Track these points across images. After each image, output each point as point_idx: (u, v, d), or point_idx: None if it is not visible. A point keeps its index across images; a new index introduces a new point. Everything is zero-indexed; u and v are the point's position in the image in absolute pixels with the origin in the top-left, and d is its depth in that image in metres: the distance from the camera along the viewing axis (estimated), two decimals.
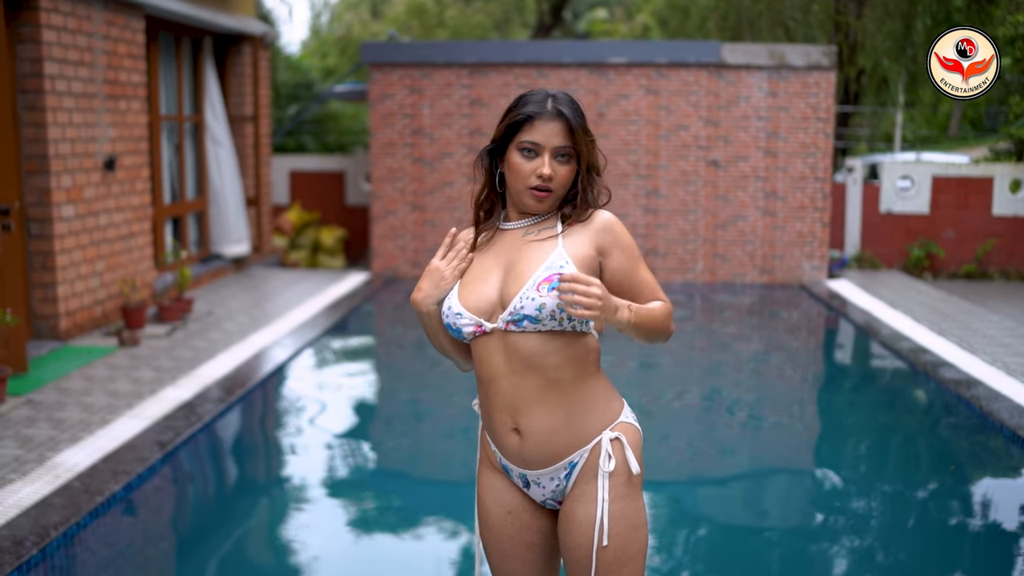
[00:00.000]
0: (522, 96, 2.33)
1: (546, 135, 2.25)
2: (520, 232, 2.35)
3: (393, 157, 11.23)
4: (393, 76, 11.14)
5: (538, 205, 2.30)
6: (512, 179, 2.28)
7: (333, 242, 12.07)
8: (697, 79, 11.01)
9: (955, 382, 6.46)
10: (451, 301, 2.30)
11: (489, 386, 2.29)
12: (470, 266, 2.35)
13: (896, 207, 11.84)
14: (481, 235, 2.40)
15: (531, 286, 2.22)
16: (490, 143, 2.35)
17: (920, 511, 4.87)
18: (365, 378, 7.55)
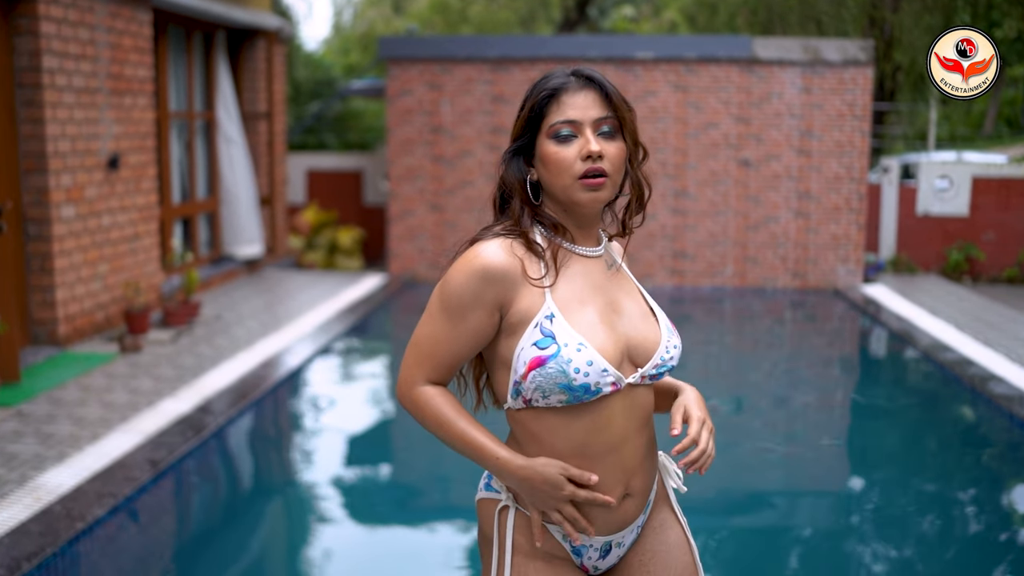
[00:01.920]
0: (536, 81, 1.90)
1: (581, 107, 1.83)
2: (600, 262, 1.94)
3: (411, 155, 10.87)
4: (412, 71, 10.78)
5: (595, 197, 1.83)
6: (553, 177, 1.83)
7: (351, 243, 11.73)
8: (728, 75, 10.57)
9: (1007, 398, 6.02)
10: (588, 353, 1.78)
11: (604, 458, 1.85)
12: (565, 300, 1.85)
13: (934, 208, 11.35)
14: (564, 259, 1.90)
15: (668, 328, 1.94)
16: (512, 143, 1.89)
17: (976, 552, 4.45)
18: (380, 389, 7.20)
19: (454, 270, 1.85)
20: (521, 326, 1.81)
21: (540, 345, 1.77)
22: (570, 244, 1.90)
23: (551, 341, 1.77)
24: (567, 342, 1.77)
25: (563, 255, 1.88)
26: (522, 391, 1.81)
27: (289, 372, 6.75)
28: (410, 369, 1.89)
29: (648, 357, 1.88)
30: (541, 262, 1.85)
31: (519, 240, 1.86)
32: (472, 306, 1.82)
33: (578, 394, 1.78)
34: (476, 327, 1.84)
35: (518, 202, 1.88)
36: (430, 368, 1.88)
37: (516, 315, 1.82)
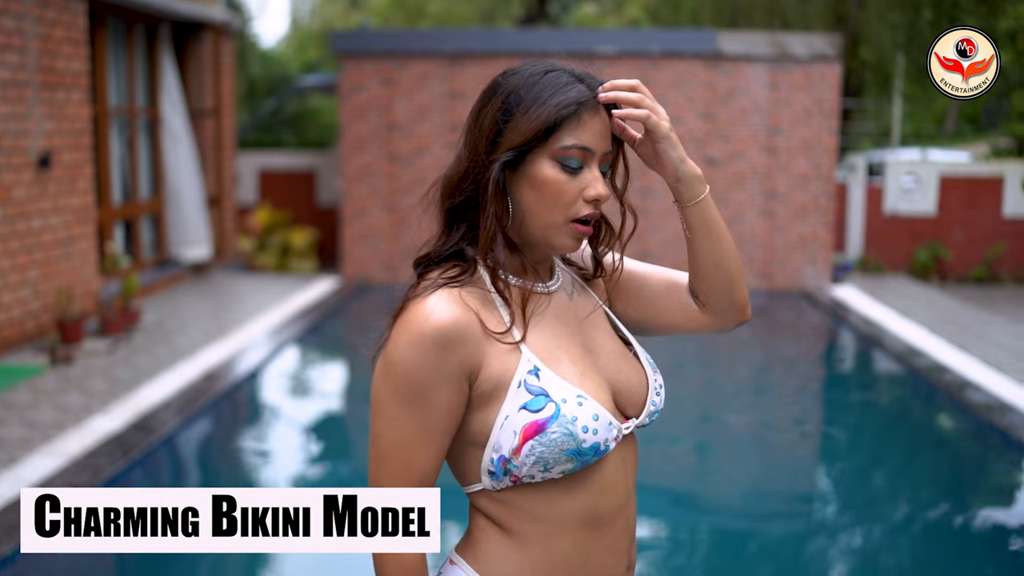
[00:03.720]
0: (527, 75, 1.47)
1: (597, 134, 1.45)
2: (560, 294, 1.56)
3: (365, 154, 10.48)
4: (366, 67, 10.38)
5: (577, 244, 1.48)
6: (541, 208, 1.45)
7: (304, 244, 11.31)
8: (692, 70, 10.28)
9: (985, 407, 5.76)
10: (592, 406, 1.43)
11: (614, 523, 1.51)
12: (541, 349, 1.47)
13: (901, 207, 11.15)
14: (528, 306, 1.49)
15: (651, 368, 1.60)
16: (507, 151, 1.44)
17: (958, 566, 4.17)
18: (334, 400, 6.82)
19: (398, 345, 1.41)
20: (496, 394, 1.43)
21: (532, 407, 1.40)
22: (532, 282, 1.52)
23: (546, 399, 1.40)
24: (565, 397, 1.41)
25: (531, 298, 1.49)
26: (513, 469, 1.41)
27: (234, 383, 6.36)
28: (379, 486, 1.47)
29: (635, 402, 1.54)
30: (503, 310, 1.46)
31: (468, 288, 1.46)
32: (436, 384, 1.40)
33: (587, 458, 1.43)
34: (448, 409, 1.41)
35: (496, 230, 1.46)
36: (414, 484, 1.43)
37: (488, 382, 1.43)
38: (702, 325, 1.63)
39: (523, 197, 1.46)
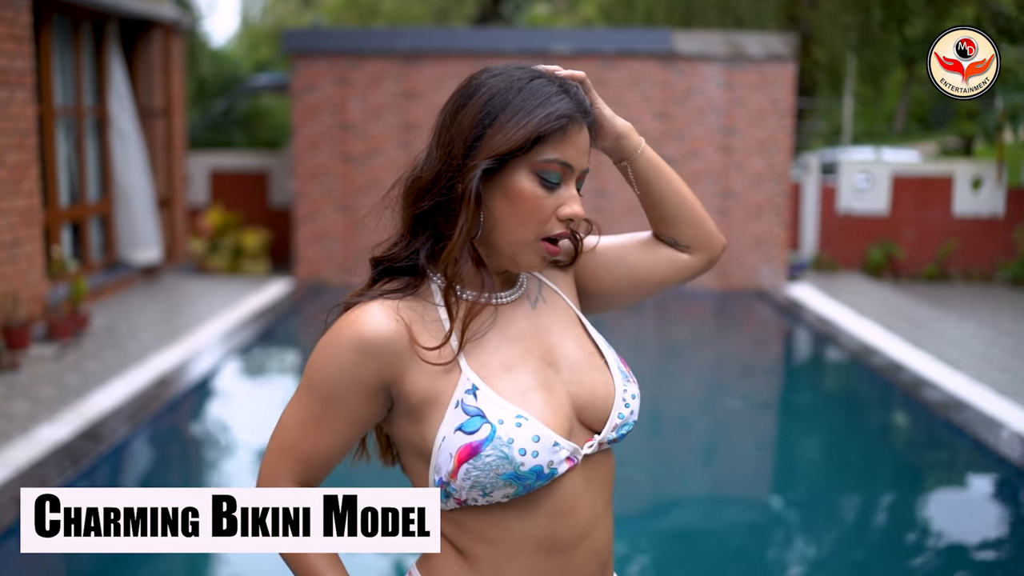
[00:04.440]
0: (501, 70, 1.41)
1: (579, 150, 1.40)
2: (520, 303, 1.49)
3: (319, 154, 10.35)
4: (319, 66, 10.25)
5: (543, 264, 1.43)
6: (514, 223, 1.38)
7: (256, 246, 11.15)
8: (648, 70, 10.28)
9: (942, 405, 5.79)
10: (532, 426, 1.34)
11: (576, 549, 1.43)
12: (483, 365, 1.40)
13: (854, 206, 11.25)
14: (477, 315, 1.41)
15: (622, 378, 1.49)
16: (487, 158, 1.36)
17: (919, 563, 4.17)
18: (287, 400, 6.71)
19: (322, 343, 1.39)
20: (429, 410, 1.37)
21: (467, 429, 1.33)
22: (488, 295, 1.43)
23: (481, 420, 1.33)
24: (502, 418, 1.34)
25: (479, 312, 1.41)
26: (453, 492, 1.36)
27: (187, 389, 6.23)
28: (271, 464, 1.42)
29: (602, 417, 1.44)
30: (447, 325, 1.39)
31: (409, 300, 1.40)
32: (346, 388, 1.37)
33: (529, 482, 1.35)
34: (353, 415, 1.39)
35: (465, 243, 1.39)
36: (295, 462, 1.41)
37: (415, 395, 1.38)
38: (692, 268, 1.61)
39: (495, 208, 1.38)
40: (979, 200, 11.12)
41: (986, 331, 7.91)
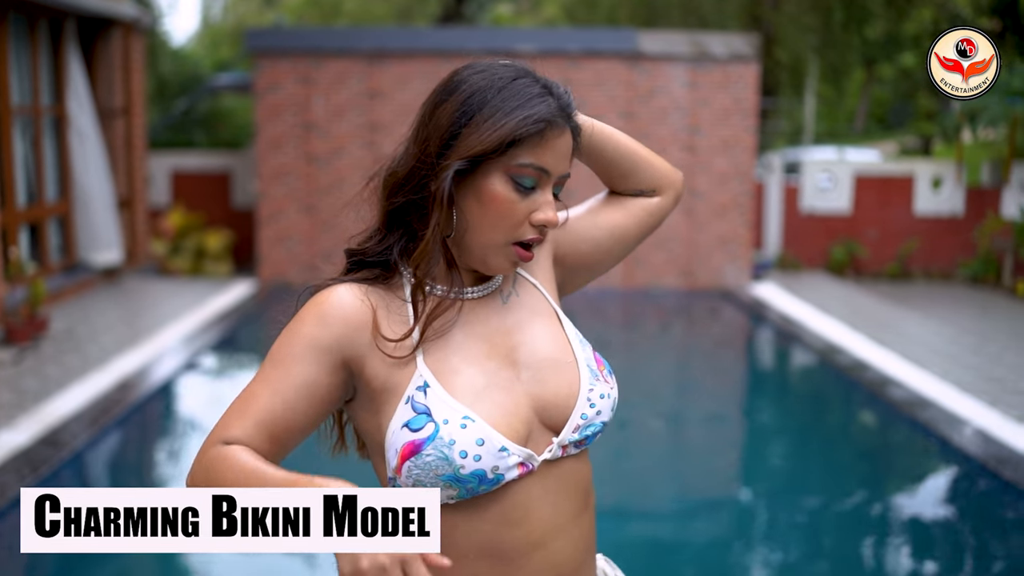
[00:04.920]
0: (485, 67, 1.37)
1: (558, 155, 1.36)
2: (490, 299, 1.45)
3: (282, 154, 10.25)
4: (282, 65, 10.15)
5: (513, 268, 1.41)
6: (485, 226, 1.35)
7: (219, 247, 11.02)
8: (613, 70, 10.29)
9: (908, 403, 5.83)
10: (477, 429, 1.31)
11: (527, 560, 1.38)
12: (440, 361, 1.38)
13: (817, 205, 11.33)
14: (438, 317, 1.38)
15: (591, 376, 1.43)
16: (455, 158, 1.33)
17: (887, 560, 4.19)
18: None
19: (289, 322, 1.40)
20: (385, 401, 1.36)
21: (413, 426, 1.31)
22: (460, 291, 1.41)
23: (426, 419, 1.31)
24: (447, 417, 1.31)
25: (446, 309, 1.38)
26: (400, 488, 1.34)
27: (150, 392, 6.13)
28: (225, 420, 1.37)
29: (564, 418, 1.39)
30: (409, 320, 1.37)
31: (379, 288, 1.40)
32: (301, 355, 1.34)
33: (471, 486, 1.32)
34: (309, 381, 1.34)
35: (437, 243, 1.36)
36: (251, 423, 1.35)
37: (375, 381, 1.36)
38: (664, 208, 1.63)
39: (467, 209, 1.36)
40: (939, 200, 11.24)
41: (948, 329, 7.99)
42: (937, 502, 4.99)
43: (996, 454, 4.88)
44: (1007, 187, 10.65)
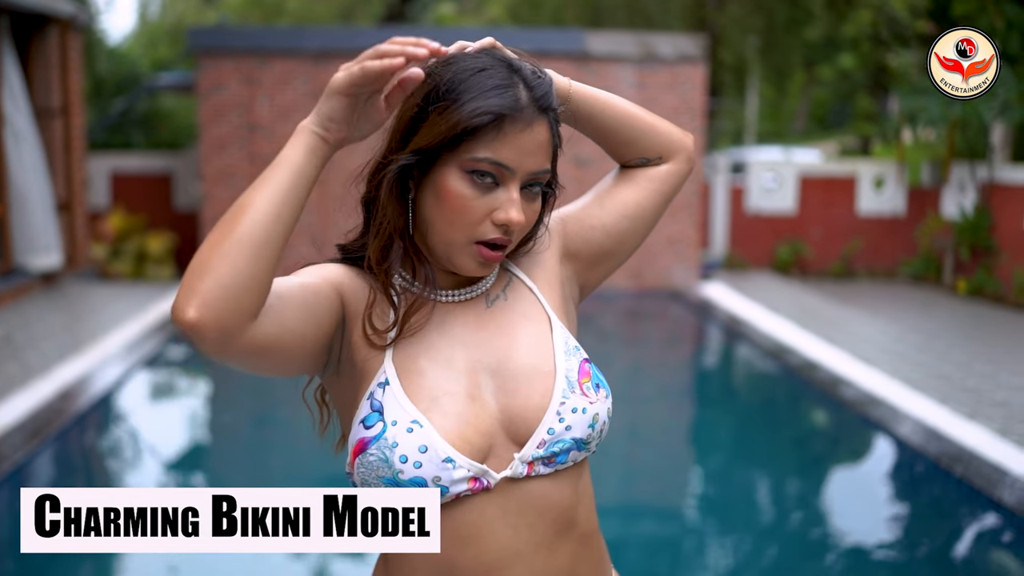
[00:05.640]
0: (461, 67, 1.29)
1: (521, 150, 1.28)
2: (475, 303, 1.39)
3: (226, 155, 10.08)
4: (226, 65, 9.98)
5: (482, 270, 1.32)
6: (442, 223, 1.30)
7: (161, 250, 10.81)
8: (561, 70, 10.10)
9: (859, 403, 5.88)
10: (424, 435, 1.26)
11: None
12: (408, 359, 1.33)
13: (763, 206, 11.44)
14: (414, 315, 1.33)
15: (567, 388, 1.33)
16: (407, 152, 1.29)
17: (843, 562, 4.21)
18: (203, 417, 6.48)
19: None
20: (356, 384, 1.33)
21: (366, 423, 1.28)
22: (433, 291, 1.36)
23: (378, 417, 1.27)
24: (396, 419, 1.26)
25: (420, 307, 1.34)
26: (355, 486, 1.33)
27: (92, 402, 5.96)
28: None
29: (531, 431, 1.31)
30: (391, 315, 1.34)
31: (369, 277, 1.36)
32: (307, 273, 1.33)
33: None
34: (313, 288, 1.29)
35: (393, 238, 1.33)
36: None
37: (357, 356, 1.32)
38: (676, 174, 1.53)
39: (425, 206, 1.31)
40: (882, 200, 11.41)
41: (895, 327, 8.10)
42: (891, 501, 5.03)
43: (947, 451, 4.93)
44: (946, 187, 10.85)
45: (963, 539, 4.44)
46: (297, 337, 1.24)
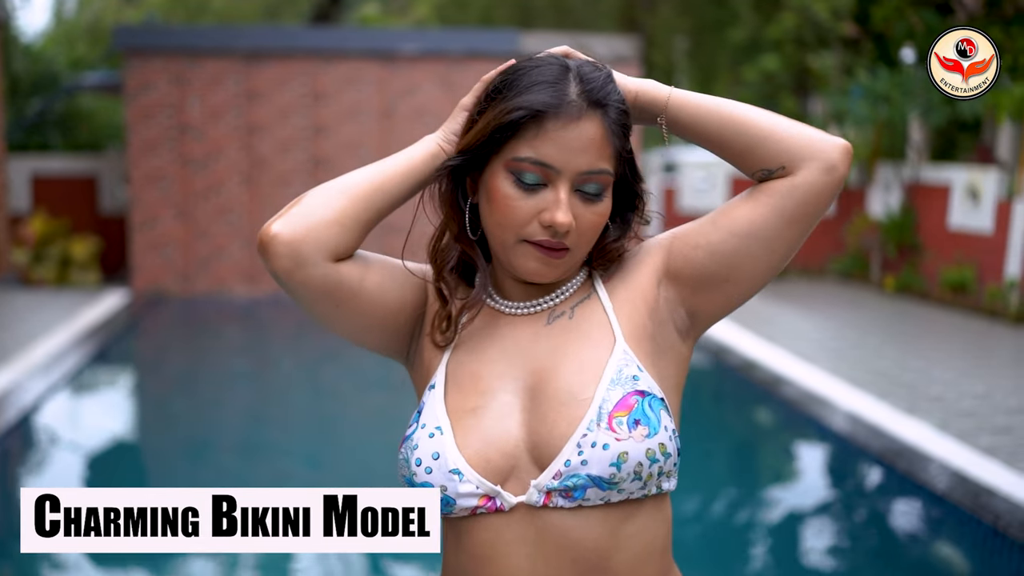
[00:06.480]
0: (517, 67, 1.26)
1: (567, 148, 1.22)
2: (538, 318, 1.33)
3: (155, 157, 9.84)
4: (154, 65, 9.74)
5: (541, 272, 1.26)
6: (493, 224, 1.27)
7: (86, 255, 10.51)
8: None
9: (799, 401, 5.96)
10: (440, 443, 1.25)
11: None
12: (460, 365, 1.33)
13: (695, 206, 11.57)
14: (463, 315, 1.34)
15: (595, 420, 1.22)
16: (456, 154, 1.29)
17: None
18: (134, 432, 6.30)
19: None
20: (420, 386, 1.38)
21: (410, 421, 1.32)
22: (495, 301, 1.35)
23: (416, 418, 1.30)
24: (426, 422, 1.28)
25: (470, 308, 1.33)
26: None
27: (18, 417, 5.75)
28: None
29: (552, 459, 1.24)
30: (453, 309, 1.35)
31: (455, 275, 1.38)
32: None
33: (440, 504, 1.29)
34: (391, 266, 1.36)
35: (448, 239, 1.34)
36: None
37: (422, 359, 1.37)
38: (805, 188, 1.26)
39: (482, 209, 1.29)
40: None
41: (830, 324, 8.24)
42: (837, 498, 5.10)
43: (890, 447, 5.02)
44: (872, 187, 11.09)
45: (909, 533, 4.52)
46: (375, 297, 1.31)
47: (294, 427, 6.13)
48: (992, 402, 5.71)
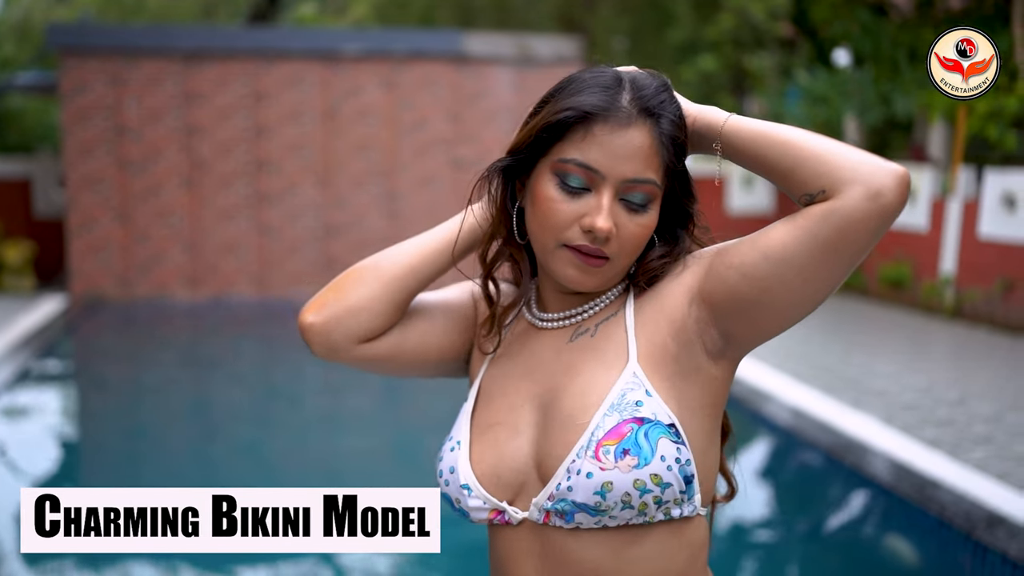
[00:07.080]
0: (574, 75, 1.27)
1: (613, 155, 1.20)
2: (563, 333, 1.33)
3: (92, 159, 9.64)
4: (90, 65, 9.55)
5: (581, 280, 1.25)
6: (536, 225, 1.26)
7: (20, 260, 10.25)
8: (439, 72, 10.22)
9: (747, 399, 6.04)
10: (455, 458, 1.30)
11: None
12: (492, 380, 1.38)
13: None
14: (507, 316, 1.38)
15: (584, 447, 1.21)
16: (507, 155, 1.29)
17: None
18: (75, 448, 6.16)
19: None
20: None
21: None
22: (531, 311, 1.37)
23: (451, 429, 1.38)
24: (452, 434, 1.35)
25: (516, 321, 1.38)
26: None
27: None
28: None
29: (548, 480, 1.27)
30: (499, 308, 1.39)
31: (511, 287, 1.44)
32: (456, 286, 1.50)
33: (451, 505, 1.34)
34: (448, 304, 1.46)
35: (497, 242, 1.37)
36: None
37: (470, 370, 1.45)
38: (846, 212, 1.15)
39: (526, 212, 1.30)
40: (751, 198, 11.76)
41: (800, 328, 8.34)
42: (783, 493, 5.18)
43: (836, 441, 5.11)
44: None
45: (853, 525, 4.59)
46: (419, 352, 1.38)
47: (239, 429, 6.05)
48: (934, 395, 5.84)
